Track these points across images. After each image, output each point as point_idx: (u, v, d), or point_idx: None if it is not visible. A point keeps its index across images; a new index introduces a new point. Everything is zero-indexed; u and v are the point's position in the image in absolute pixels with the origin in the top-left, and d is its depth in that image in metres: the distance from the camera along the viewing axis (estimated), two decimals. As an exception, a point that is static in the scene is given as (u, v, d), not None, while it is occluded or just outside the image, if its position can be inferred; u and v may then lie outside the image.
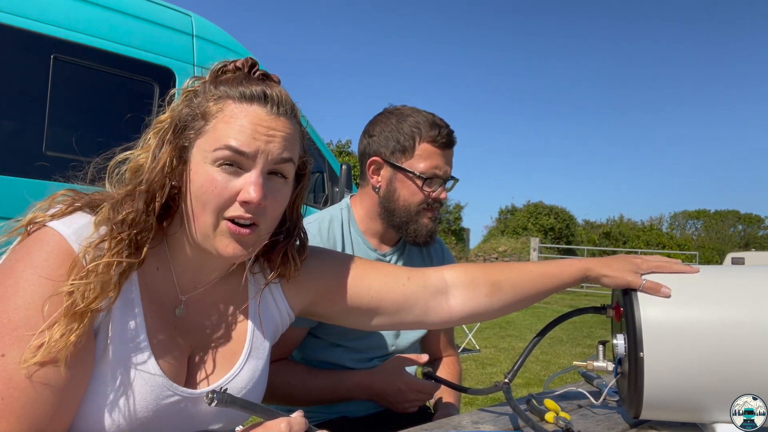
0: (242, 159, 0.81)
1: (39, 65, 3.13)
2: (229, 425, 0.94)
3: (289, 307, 1.03)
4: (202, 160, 0.82)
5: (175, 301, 0.89)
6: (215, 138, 0.82)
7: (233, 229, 0.82)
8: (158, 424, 0.83)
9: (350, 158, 14.74)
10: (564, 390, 1.28)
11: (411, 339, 1.53)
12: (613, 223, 31.26)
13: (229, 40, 4.29)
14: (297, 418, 0.74)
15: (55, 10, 3.23)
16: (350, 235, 1.49)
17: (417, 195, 1.43)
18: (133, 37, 3.52)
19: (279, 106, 0.85)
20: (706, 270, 1.03)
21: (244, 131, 0.82)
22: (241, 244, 0.84)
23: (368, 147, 1.48)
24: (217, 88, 0.85)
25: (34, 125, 3.10)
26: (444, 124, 1.45)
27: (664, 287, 0.96)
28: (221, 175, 0.81)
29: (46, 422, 0.72)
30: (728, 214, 42.43)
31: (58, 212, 0.80)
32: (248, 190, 0.81)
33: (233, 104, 0.83)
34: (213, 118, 0.83)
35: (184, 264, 0.90)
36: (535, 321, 10.25)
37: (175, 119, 0.84)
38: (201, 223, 0.83)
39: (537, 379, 5.46)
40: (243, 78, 0.87)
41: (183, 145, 0.84)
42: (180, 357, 0.87)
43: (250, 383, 0.93)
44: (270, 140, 0.83)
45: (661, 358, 0.91)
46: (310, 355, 1.45)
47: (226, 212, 0.82)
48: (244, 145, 0.81)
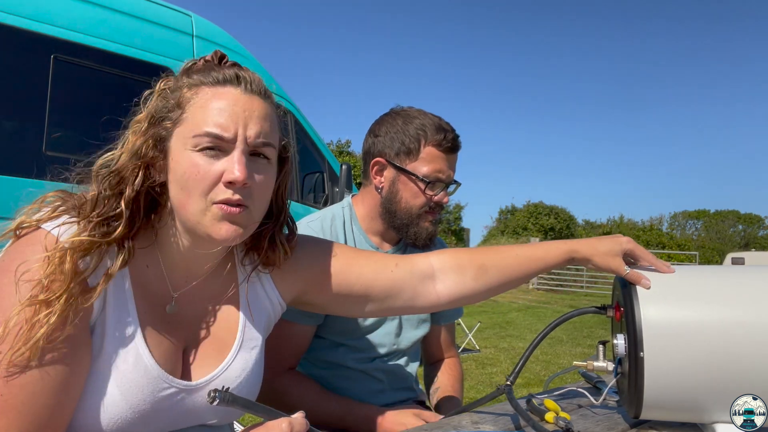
0: (222, 142, 0.82)
1: (39, 65, 3.13)
2: (226, 419, 0.95)
3: (280, 296, 1.03)
4: (183, 147, 0.82)
5: (166, 298, 0.90)
6: (194, 124, 0.82)
7: (225, 209, 0.82)
8: (156, 417, 0.84)
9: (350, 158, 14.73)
10: (564, 390, 1.28)
11: (413, 339, 1.54)
12: (613, 223, 31.29)
13: (229, 40, 4.29)
14: (298, 418, 0.74)
15: (55, 10, 3.22)
16: (352, 234, 1.49)
17: (419, 198, 1.43)
18: (133, 37, 3.52)
19: (252, 86, 0.87)
20: (706, 270, 1.03)
21: (222, 113, 0.82)
22: (234, 224, 0.83)
23: (373, 147, 1.48)
24: (190, 77, 0.86)
25: (34, 125, 3.10)
26: (450, 128, 1.45)
27: (644, 279, 0.96)
28: (203, 159, 0.81)
29: (46, 419, 0.73)
30: (728, 214, 42.45)
31: (45, 216, 0.81)
32: (232, 170, 0.81)
33: (208, 89, 0.84)
34: (189, 105, 0.84)
35: (175, 261, 0.90)
36: (535, 321, 10.26)
37: (151, 113, 0.85)
38: (190, 210, 0.83)
39: (537, 379, 5.47)
40: (214, 66, 0.88)
41: (161, 135, 0.84)
42: (174, 350, 0.88)
43: (243, 374, 0.93)
44: (248, 119, 0.83)
45: (661, 358, 0.91)
46: (313, 354, 1.45)
47: (213, 196, 0.82)
48: (222, 128, 0.81)
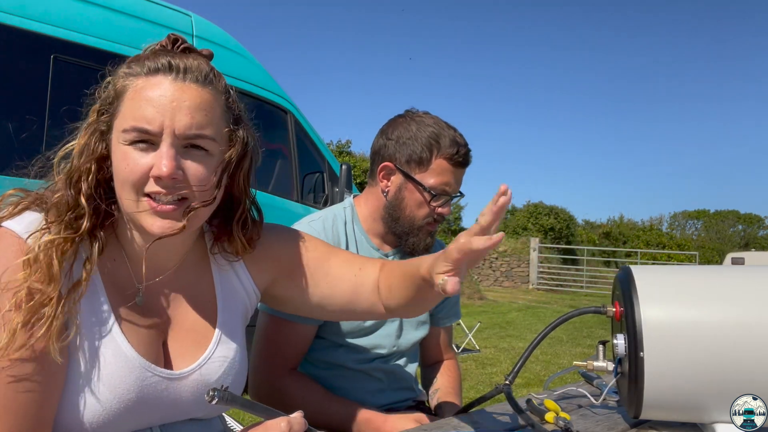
0: (150, 136, 0.80)
1: (39, 65, 3.13)
2: (213, 413, 0.95)
3: (254, 284, 1.02)
4: (117, 140, 0.82)
5: (135, 290, 0.90)
6: (123, 117, 0.82)
7: (152, 204, 0.81)
8: (143, 408, 0.83)
9: (350, 158, 14.73)
10: (564, 390, 1.28)
11: (412, 340, 1.53)
12: (613, 223, 31.27)
13: (229, 40, 4.29)
14: (297, 417, 0.74)
15: (55, 10, 3.22)
16: (354, 234, 1.48)
17: (423, 208, 1.42)
18: (133, 37, 3.52)
19: (186, 74, 0.82)
20: (706, 270, 1.03)
21: (148, 105, 0.80)
22: (169, 219, 0.82)
23: (383, 149, 1.46)
24: (129, 67, 0.85)
25: (34, 125, 3.10)
26: (463, 142, 1.43)
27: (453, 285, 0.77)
28: (133, 153, 0.81)
29: (32, 416, 0.74)
30: (728, 214, 42.42)
31: (7, 213, 0.81)
32: (159, 165, 0.79)
33: (139, 80, 0.83)
34: (123, 97, 0.83)
35: (137, 253, 0.89)
36: (535, 321, 10.25)
37: (96, 106, 0.85)
38: (126, 204, 0.83)
39: (537, 379, 5.46)
40: (156, 53, 0.85)
41: (101, 129, 0.84)
42: (153, 341, 0.88)
43: (225, 364, 0.92)
44: (176, 111, 0.80)
45: (661, 358, 0.91)
46: (313, 355, 1.45)
47: (144, 190, 0.81)
48: (147, 122, 0.80)
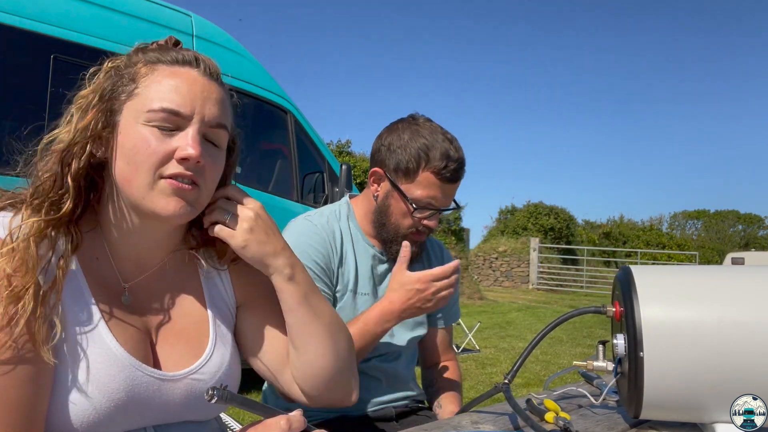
0: (177, 119, 0.81)
1: (39, 65, 3.13)
2: (205, 415, 0.93)
3: (234, 294, 1.00)
4: (134, 121, 0.81)
5: (121, 289, 0.88)
6: (148, 98, 0.81)
7: (175, 184, 0.80)
8: (134, 408, 0.82)
9: (350, 158, 14.72)
10: (564, 390, 1.28)
11: (408, 339, 1.52)
12: (613, 223, 31.22)
13: (229, 40, 4.29)
14: (296, 415, 0.74)
15: (55, 10, 3.23)
16: (349, 229, 1.48)
17: (407, 219, 1.40)
18: (133, 37, 3.52)
19: (211, 70, 0.86)
20: (706, 270, 1.03)
21: (179, 91, 0.81)
22: (184, 200, 0.82)
23: (377, 153, 1.45)
24: (146, 55, 0.85)
25: (34, 125, 3.10)
26: (456, 157, 1.37)
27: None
28: (155, 134, 0.80)
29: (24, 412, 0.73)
30: (728, 214, 42.42)
31: None
32: (186, 148, 0.79)
33: (165, 67, 0.83)
34: (144, 80, 0.82)
35: (122, 249, 0.88)
36: (535, 321, 10.25)
37: (100, 88, 0.84)
38: (136, 185, 0.81)
39: (537, 379, 5.46)
40: (171, 48, 0.87)
41: (111, 108, 0.83)
42: (141, 340, 0.86)
43: (222, 368, 0.91)
44: (206, 100, 0.83)
45: (661, 358, 0.91)
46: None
47: (163, 171, 0.81)
48: (180, 105, 0.80)
